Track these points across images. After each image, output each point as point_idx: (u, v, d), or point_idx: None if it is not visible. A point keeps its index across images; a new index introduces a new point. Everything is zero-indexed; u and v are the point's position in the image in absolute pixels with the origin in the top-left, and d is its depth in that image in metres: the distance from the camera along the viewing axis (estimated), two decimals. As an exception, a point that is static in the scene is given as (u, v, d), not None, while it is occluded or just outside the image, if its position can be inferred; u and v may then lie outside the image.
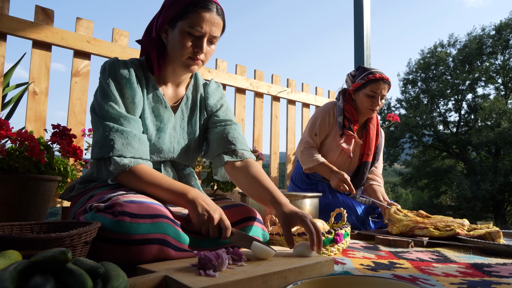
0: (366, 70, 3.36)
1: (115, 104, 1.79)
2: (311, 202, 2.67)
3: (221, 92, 2.27)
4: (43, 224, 1.50)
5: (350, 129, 3.31)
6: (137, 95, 1.86)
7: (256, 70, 4.57)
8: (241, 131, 2.20)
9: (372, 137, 3.50)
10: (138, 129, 1.82)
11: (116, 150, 1.71)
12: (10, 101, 3.03)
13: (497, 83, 30.25)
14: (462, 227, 2.57)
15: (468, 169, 28.08)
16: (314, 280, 1.22)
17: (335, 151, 3.45)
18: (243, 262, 1.43)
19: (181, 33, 1.83)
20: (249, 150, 2.13)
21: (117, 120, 1.77)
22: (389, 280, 1.23)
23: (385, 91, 3.31)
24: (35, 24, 2.96)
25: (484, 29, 30.17)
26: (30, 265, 0.90)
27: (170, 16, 1.85)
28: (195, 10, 1.80)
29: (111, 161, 1.71)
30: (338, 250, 2.10)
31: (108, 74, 1.85)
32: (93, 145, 1.81)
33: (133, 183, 1.73)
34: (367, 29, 5.29)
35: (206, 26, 1.82)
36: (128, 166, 1.71)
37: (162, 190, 1.69)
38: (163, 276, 1.23)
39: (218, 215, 1.60)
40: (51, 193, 2.31)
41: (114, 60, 1.90)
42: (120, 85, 1.84)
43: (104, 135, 1.74)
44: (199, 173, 3.88)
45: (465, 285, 1.49)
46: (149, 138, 1.92)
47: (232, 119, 2.19)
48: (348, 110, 3.39)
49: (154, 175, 1.74)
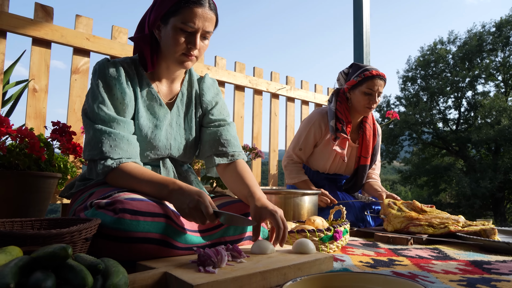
0: (361, 67, 3.33)
1: (104, 106, 1.79)
2: (310, 199, 2.68)
3: (217, 88, 2.26)
4: (43, 220, 1.50)
5: (343, 131, 3.26)
6: (127, 96, 1.85)
7: (255, 67, 4.58)
8: (234, 130, 2.19)
9: (369, 138, 3.47)
10: (127, 130, 1.82)
11: (104, 152, 1.71)
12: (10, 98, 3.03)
13: (497, 80, 30.19)
14: (457, 224, 2.56)
15: (467, 166, 28.05)
16: (313, 277, 1.23)
17: (328, 157, 3.42)
18: (242, 259, 1.44)
19: (173, 30, 1.82)
20: (240, 150, 2.13)
21: (106, 123, 1.77)
22: (389, 277, 1.23)
23: (381, 88, 3.28)
24: (35, 22, 2.97)
25: (484, 26, 30.08)
26: (31, 261, 0.90)
27: (162, 12, 1.84)
28: (187, 6, 1.79)
29: (97, 163, 1.73)
30: (337, 247, 2.10)
31: (98, 75, 1.85)
32: (84, 146, 1.82)
33: (118, 181, 1.74)
34: (367, 26, 5.29)
35: (198, 22, 1.82)
36: (111, 167, 1.71)
37: (144, 184, 1.69)
38: (162, 273, 1.24)
39: (195, 202, 1.54)
40: (51, 190, 2.32)
41: (104, 61, 1.89)
42: (109, 86, 1.84)
43: (93, 137, 1.75)
44: (198, 170, 3.88)
45: (465, 282, 1.49)
46: (145, 136, 1.92)
47: (226, 118, 2.18)
48: (341, 111, 3.34)
49: (136, 170, 1.73)
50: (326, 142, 3.38)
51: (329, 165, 3.45)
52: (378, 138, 3.58)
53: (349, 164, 3.52)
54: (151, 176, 1.71)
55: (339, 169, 3.53)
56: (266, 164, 4.91)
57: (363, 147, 3.45)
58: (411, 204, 2.81)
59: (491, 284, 1.46)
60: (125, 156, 1.75)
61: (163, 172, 2.01)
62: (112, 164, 1.71)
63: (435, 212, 2.73)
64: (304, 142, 3.40)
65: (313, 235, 2.01)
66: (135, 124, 1.90)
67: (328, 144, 3.37)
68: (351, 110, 3.43)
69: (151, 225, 1.47)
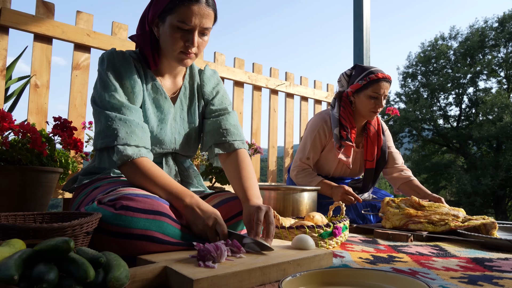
0: (365, 69, 3.21)
1: (116, 94, 1.79)
2: (309, 195, 2.68)
3: (217, 78, 2.25)
4: (45, 214, 1.51)
5: (348, 139, 3.17)
6: (137, 85, 1.86)
7: (254, 63, 4.58)
8: (236, 119, 2.18)
9: (373, 141, 3.36)
10: (139, 118, 1.82)
11: (120, 138, 1.71)
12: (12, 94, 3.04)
13: (500, 76, 30.10)
14: (456, 219, 2.56)
15: (468, 163, 27.97)
16: (312, 273, 1.24)
17: (332, 163, 3.37)
18: (242, 254, 1.44)
19: (171, 28, 1.81)
20: (241, 139, 2.12)
21: (119, 110, 1.77)
22: (389, 273, 1.24)
23: (387, 91, 3.18)
24: (36, 18, 2.98)
25: (486, 21, 29.96)
26: (34, 254, 0.91)
27: (159, 10, 1.83)
28: (183, 4, 1.77)
29: (115, 150, 1.72)
30: (336, 243, 2.11)
31: (107, 64, 1.85)
32: (95, 135, 1.81)
33: (133, 176, 1.73)
34: (367, 21, 5.28)
35: (195, 19, 1.79)
36: (131, 158, 1.70)
37: (160, 189, 1.68)
38: (163, 267, 1.25)
39: (212, 221, 1.57)
40: (52, 185, 2.33)
41: (112, 51, 1.89)
42: (120, 74, 1.84)
43: (107, 125, 1.74)
44: (197, 166, 3.89)
45: (466, 279, 1.48)
46: (151, 130, 1.92)
47: (227, 107, 2.17)
48: (345, 117, 3.23)
49: (153, 171, 1.72)
50: (330, 148, 3.32)
51: (333, 170, 3.41)
52: (384, 138, 3.44)
53: (354, 168, 3.46)
54: (168, 182, 1.70)
55: (344, 173, 3.48)
56: (265, 161, 4.91)
57: (368, 151, 3.37)
58: (409, 200, 2.77)
59: (492, 282, 1.45)
60: (141, 143, 1.75)
61: (165, 169, 2.01)
62: (133, 155, 1.71)
63: (433, 207, 2.70)
64: (310, 151, 3.31)
65: (313, 231, 2.01)
66: (143, 116, 1.91)
67: (332, 149, 3.31)
68: (355, 114, 3.33)
69: (151, 223, 1.47)
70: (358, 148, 3.43)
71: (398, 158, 3.49)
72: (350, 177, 3.57)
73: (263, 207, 1.68)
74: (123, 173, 1.78)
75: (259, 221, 1.63)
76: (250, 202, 1.77)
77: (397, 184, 3.41)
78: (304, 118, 5.09)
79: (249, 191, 1.86)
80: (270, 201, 2.60)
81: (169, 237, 1.52)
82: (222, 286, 1.18)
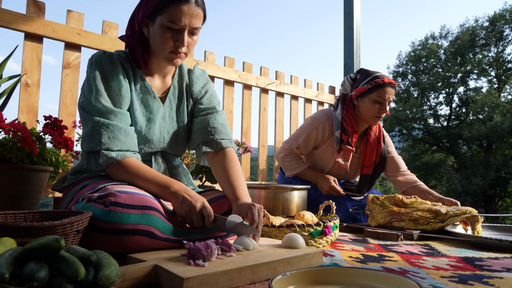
0: (370, 74, 3.20)
1: (101, 98, 1.80)
2: (299, 194, 2.69)
3: (206, 78, 2.27)
4: (36, 213, 1.51)
5: (349, 143, 3.16)
6: (123, 87, 1.86)
7: (244, 62, 4.57)
8: (224, 118, 2.20)
9: (373, 147, 3.36)
10: (124, 122, 1.83)
11: (102, 144, 1.73)
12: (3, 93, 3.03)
13: (490, 75, 30.23)
14: (437, 218, 2.57)
15: (458, 163, 28.06)
16: (303, 271, 1.24)
17: (327, 163, 3.37)
18: (232, 253, 1.45)
19: (161, 28, 1.82)
20: (229, 138, 2.13)
21: (104, 114, 1.78)
22: (379, 272, 1.25)
23: (391, 97, 3.17)
24: (27, 17, 2.97)
25: (477, 20, 30.10)
26: (25, 252, 0.92)
27: (149, 11, 1.84)
28: (173, 4, 1.79)
29: (100, 153, 1.74)
30: (326, 242, 2.11)
31: (95, 67, 1.85)
32: (82, 138, 1.83)
33: (120, 175, 1.76)
34: (357, 20, 5.29)
35: (185, 19, 1.81)
36: (115, 160, 1.73)
37: (147, 182, 1.71)
38: (153, 265, 1.25)
39: (200, 204, 1.60)
40: (43, 183, 2.33)
41: (100, 54, 1.90)
42: (106, 77, 1.85)
43: (92, 129, 1.76)
44: (187, 165, 3.89)
45: (456, 278, 1.48)
46: (140, 129, 1.93)
47: (216, 107, 2.19)
48: (347, 121, 3.22)
49: (139, 167, 1.75)
50: (327, 147, 3.32)
51: (327, 170, 3.40)
52: (384, 145, 3.42)
53: (350, 171, 3.46)
54: (155, 175, 1.74)
55: (338, 175, 3.47)
56: (255, 160, 4.91)
57: (366, 157, 3.37)
58: (393, 198, 2.78)
59: (483, 281, 1.45)
60: (124, 147, 1.77)
61: (154, 167, 2.02)
62: (117, 157, 1.73)
63: (416, 204, 2.71)
64: (303, 141, 3.30)
65: (303, 230, 2.02)
66: (130, 117, 1.92)
67: (328, 149, 3.32)
68: (358, 118, 3.32)
69: (141, 217, 1.48)
70: (356, 153, 3.43)
71: (401, 163, 3.49)
72: (344, 179, 3.56)
73: (256, 204, 1.72)
74: (110, 174, 1.80)
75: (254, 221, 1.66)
76: (240, 201, 1.80)
77: (403, 188, 3.39)
78: (294, 117, 5.09)
79: (239, 190, 1.89)
80: (260, 200, 2.61)
81: (160, 232, 1.53)
82: (212, 284, 1.19)
